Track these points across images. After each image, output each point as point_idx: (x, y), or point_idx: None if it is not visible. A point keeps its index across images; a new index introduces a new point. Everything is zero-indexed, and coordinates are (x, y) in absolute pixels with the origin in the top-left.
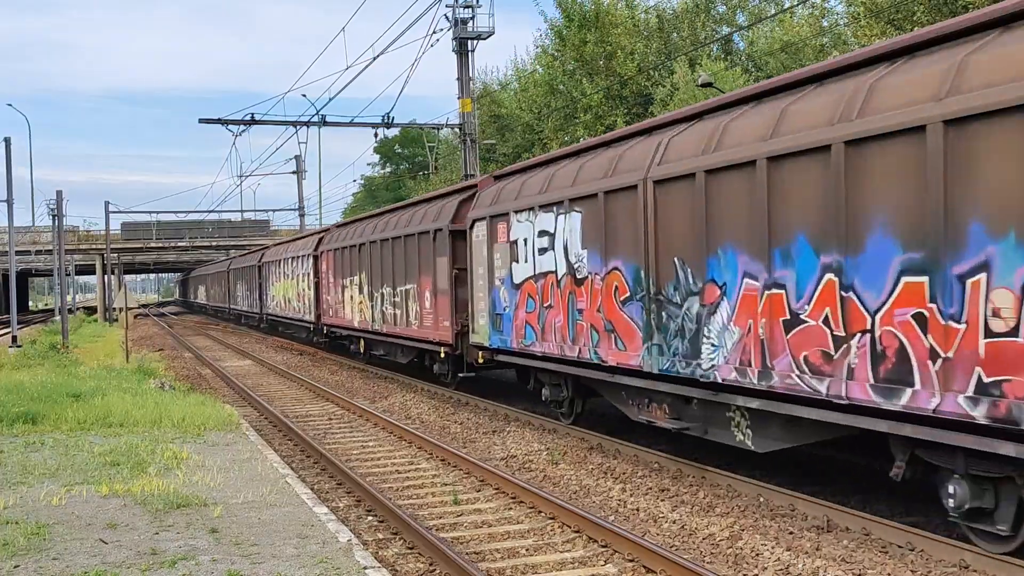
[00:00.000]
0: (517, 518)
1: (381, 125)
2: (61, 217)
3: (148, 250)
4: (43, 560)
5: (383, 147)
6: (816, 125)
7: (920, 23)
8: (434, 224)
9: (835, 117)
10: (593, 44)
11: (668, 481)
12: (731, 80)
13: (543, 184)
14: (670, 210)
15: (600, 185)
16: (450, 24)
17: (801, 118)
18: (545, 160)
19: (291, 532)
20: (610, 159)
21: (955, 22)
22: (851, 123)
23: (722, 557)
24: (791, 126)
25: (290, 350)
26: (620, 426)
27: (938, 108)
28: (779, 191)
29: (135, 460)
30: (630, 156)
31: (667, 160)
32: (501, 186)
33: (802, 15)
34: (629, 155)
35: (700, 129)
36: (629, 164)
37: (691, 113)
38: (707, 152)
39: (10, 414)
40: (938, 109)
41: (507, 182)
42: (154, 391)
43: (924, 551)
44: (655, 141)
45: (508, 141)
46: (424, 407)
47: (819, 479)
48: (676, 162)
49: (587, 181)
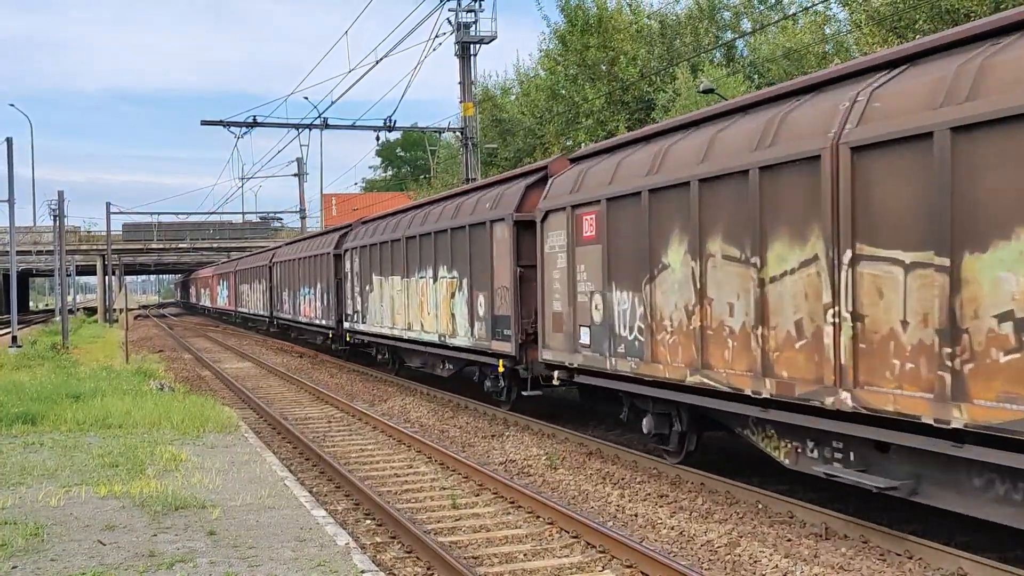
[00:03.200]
0: (515, 523)
1: (383, 128)
2: (62, 217)
3: (149, 251)
4: (41, 561)
5: (385, 150)
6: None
7: (922, 31)
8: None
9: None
10: (595, 49)
11: (667, 487)
12: (732, 87)
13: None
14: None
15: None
16: (453, 28)
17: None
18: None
19: (289, 535)
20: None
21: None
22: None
23: (720, 564)
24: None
25: (290, 353)
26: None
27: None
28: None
29: (134, 461)
30: (800, 118)
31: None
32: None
33: (805, 22)
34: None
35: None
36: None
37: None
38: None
39: (9, 414)
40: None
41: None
42: (153, 392)
43: (922, 559)
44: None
45: (510, 145)
46: (423, 410)
47: (817, 486)
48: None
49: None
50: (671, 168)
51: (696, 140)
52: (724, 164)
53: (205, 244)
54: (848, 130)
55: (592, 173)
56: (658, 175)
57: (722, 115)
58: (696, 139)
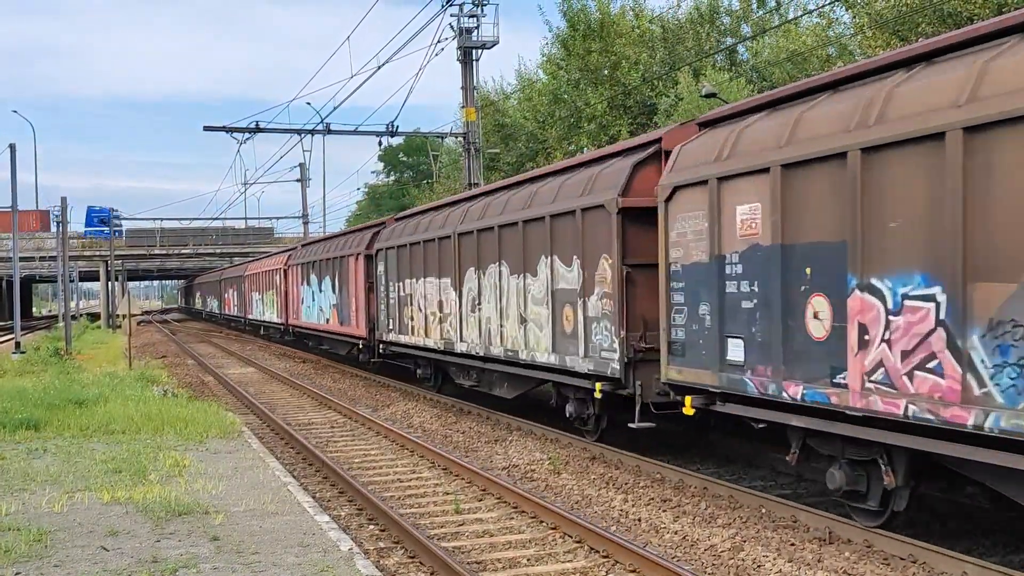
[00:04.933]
0: (519, 528)
1: (385, 133)
2: (65, 223)
3: (152, 257)
4: (44, 567)
5: (387, 155)
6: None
7: (925, 34)
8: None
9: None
10: (598, 53)
11: (670, 492)
12: (735, 91)
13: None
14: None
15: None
16: (455, 33)
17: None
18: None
19: (292, 540)
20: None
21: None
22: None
23: (724, 568)
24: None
25: (293, 358)
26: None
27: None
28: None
29: (137, 467)
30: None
31: None
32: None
33: (807, 25)
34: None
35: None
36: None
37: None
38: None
39: (13, 420)
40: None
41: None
42: (157, 398)
43: (926, 564)
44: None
45: (512, 150)
46: (426, 416)
47: (821, 490)
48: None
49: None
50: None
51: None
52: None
53: (208, 249)
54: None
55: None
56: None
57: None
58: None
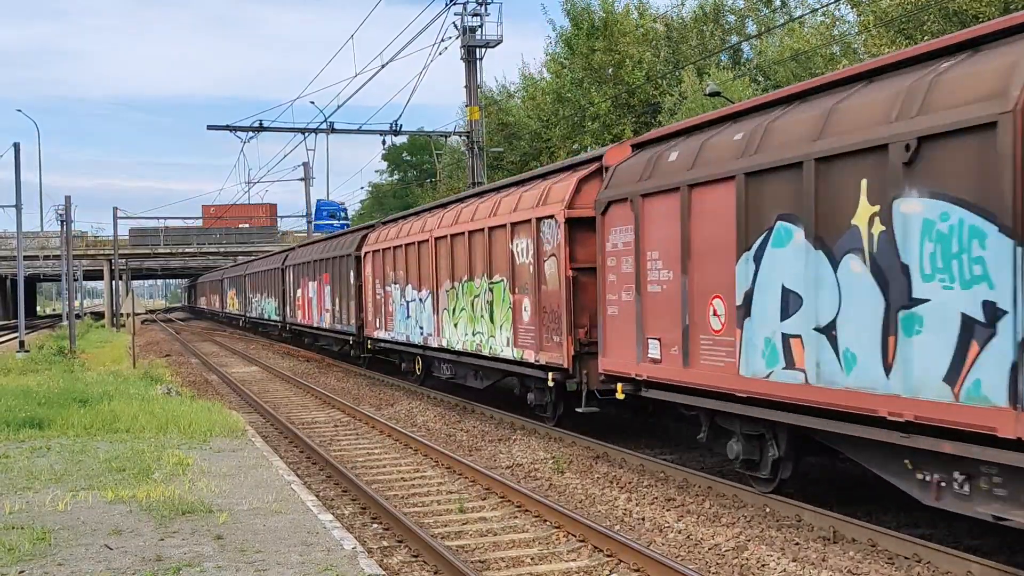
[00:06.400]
0: (522, 527)
1: (389, 133)
2: (69, 222)
3: (156, 256)
4: (48, 565)
5: (391, 154)
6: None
7: (930, 32)
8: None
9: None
10: (601, 53)
11: (674, 491)
12: (739, 90)
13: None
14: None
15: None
16: (458, 32)
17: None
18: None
19: (296, 539)
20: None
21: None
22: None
23: (728, 567)
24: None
25: (296, 356)
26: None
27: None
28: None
29: (141, 466)
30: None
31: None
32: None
33: (812, 24)
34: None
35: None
36: None
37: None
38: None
39: (17, 419)
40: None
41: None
42: (160, 397)
43: (931, 563)
44: None
45: (516, 149)
46: (430, 415)
47: (825, 490)
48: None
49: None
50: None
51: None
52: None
53: (211, 248)
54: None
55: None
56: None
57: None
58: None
